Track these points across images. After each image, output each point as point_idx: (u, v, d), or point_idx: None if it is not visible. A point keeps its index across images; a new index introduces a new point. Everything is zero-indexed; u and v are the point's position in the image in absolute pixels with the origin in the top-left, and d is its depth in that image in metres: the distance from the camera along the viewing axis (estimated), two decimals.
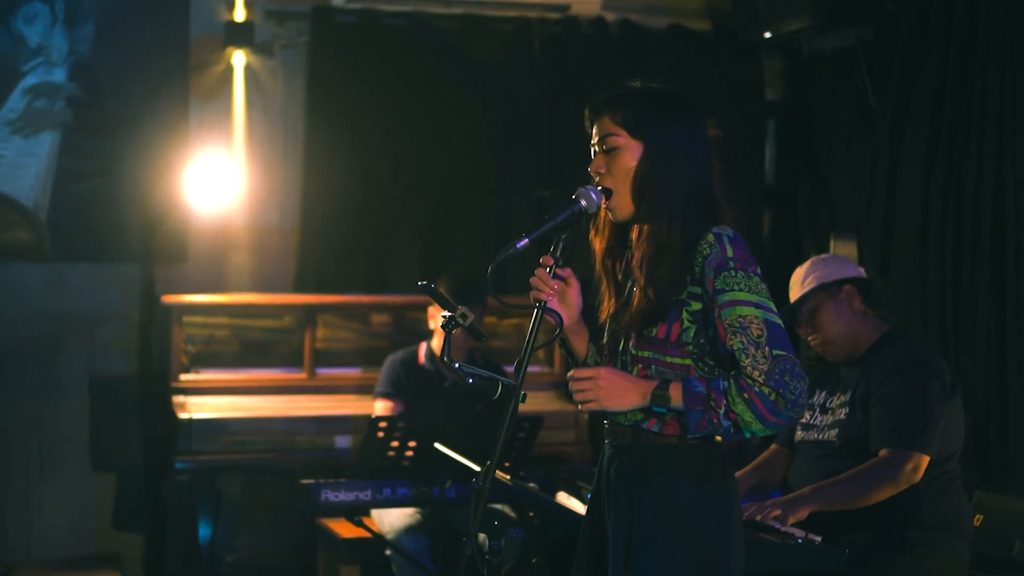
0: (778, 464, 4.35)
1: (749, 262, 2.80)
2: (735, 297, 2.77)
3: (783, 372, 2.74)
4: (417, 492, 4.74)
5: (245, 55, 6.26)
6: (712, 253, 2.79)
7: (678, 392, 2.79)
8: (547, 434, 5.53)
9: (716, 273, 2.78)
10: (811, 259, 4.32)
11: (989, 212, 5.18)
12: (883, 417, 3.97)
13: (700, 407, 2.76)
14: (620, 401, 2.83)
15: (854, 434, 4.04)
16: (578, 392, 2.85)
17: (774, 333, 2.76)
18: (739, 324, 2.75)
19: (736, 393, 2.75)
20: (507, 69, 6.52)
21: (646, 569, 2.81)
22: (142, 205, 6.08)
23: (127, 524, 6.10)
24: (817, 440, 4.15)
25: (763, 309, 2.77)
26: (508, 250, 2.82)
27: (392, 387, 5.48)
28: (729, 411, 2.75)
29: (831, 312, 4.17)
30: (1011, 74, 5.05)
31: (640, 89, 2.94)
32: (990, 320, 5.17)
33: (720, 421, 2.76)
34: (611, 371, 2.85)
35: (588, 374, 2.84)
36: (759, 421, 2.75)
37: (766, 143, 6.88)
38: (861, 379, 4.10)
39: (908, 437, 3.92)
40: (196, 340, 5.91)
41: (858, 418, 4.05)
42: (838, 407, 4.14)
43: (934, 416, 3.95)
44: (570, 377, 2.88)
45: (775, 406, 2.74)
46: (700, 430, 2.78)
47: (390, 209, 6.42)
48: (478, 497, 2.76)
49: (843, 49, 6.12)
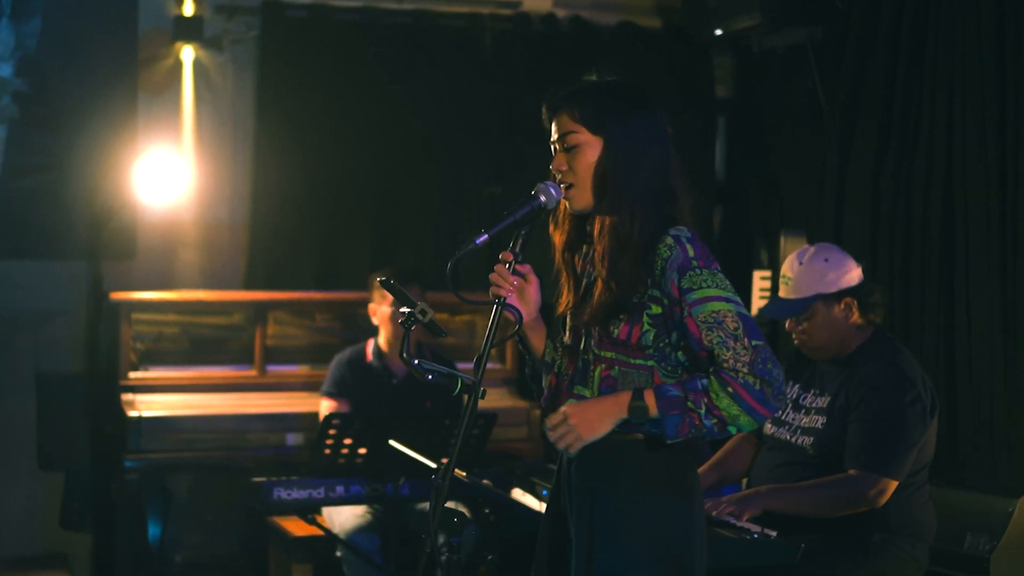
0: (744, 453, 4.30)
1: (710, 259, 2.82)
2: (705, 294, 2.77)
3: (764, 360, 2.75)
4: (370, 490, 4.72)
5: (194, 50, 6.21)
6: (672, 255, 2.79)
7: (652, 400, 2.78)
8: (499, 431, 5.52)
9: (680, 274, 2.79)
10: (812, 250, 4.17)
11: (938, 210, 5.23)
12: (859, 437, 3.93)
13: (677, 411, 2.75)
14: (601, 427, 2.81)
15: (830, 447, 4.00)
16: (559, 440, 2.82)
17: (748, 325, 2.78)
18: (714, 319, 2.76)
19: (719, 388, 2.74)
20: (458, 65, 6.51)
21: (609, 565, 2.81)
22: (90, 201, 6.01)
23: (75, 523, 6.03)
24: (789, 442, 4.10)
25: (733, 303, 2.79)
26: (467, 246, 2.82)
27: (336, 387, 5.47)
28: (712, 408, 2.75)
29: (824, 319, 4.10)
30: (960, 71, 5.10)
31: (597, 84, 2.94)
32: (939, 316, 5.22)
33: (702, 421, 2.75)
34: (573, 406, 2.83)
35: (557, 420, 2.82)
36: (747, 413, 2.75)
37: (716, 140, 6.91)
38: (842, 388, 4.04)
39: (881, 462, 3.89)
40: (145, 337, 5.85)
41: (835, 430, 4.00)
42: (814, 411, 4.09)
43: (910, 443, 3.93)
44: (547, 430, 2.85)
45: (763, 395, 2.74)
46: (682, 434, 2.77)
47: (340, 205, 6.39)
48: (438, 494, 2.74)
49: (793, 47, 6.16)
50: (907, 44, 5.40)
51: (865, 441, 3.91)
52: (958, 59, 5.11)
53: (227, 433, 5.70)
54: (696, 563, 2.85)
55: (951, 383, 5.14)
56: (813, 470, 4.00)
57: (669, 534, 2.82)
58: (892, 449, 3.90)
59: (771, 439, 4.17)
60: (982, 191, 4.98)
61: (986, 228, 4.96)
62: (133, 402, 5.63)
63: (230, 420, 5.71)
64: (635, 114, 2.89)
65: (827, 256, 4.15)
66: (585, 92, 2.91)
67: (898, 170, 5.45)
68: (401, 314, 2.83)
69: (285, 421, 5.77)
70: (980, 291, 4.99)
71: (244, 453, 5.66)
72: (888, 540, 3.96)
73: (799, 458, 4.06)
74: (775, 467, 4.10)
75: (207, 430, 5.68)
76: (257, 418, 5.75)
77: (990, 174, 4.93)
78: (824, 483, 3.92)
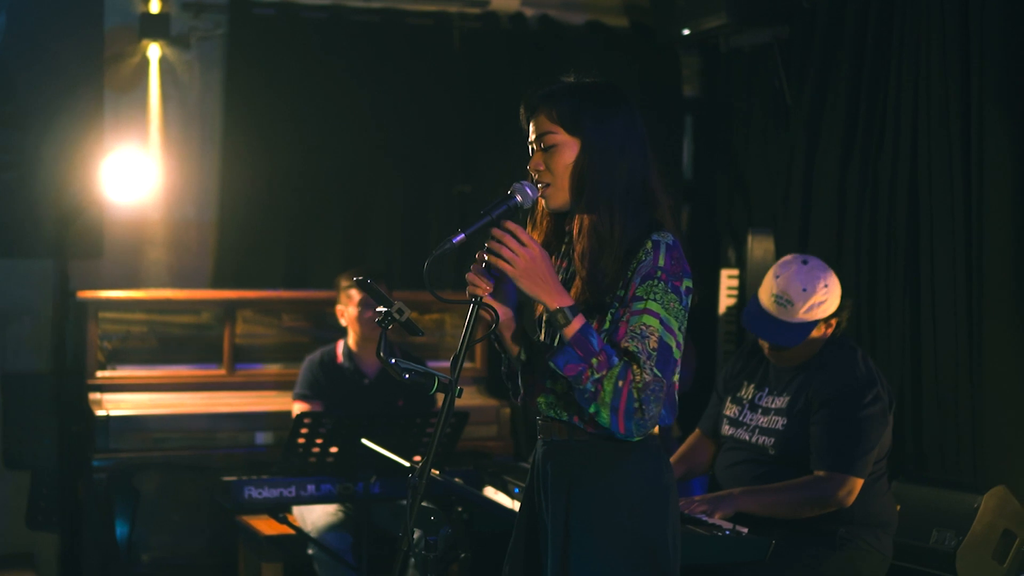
0: (703, 451, 4.38)
1: (676, 276, 2.83)
2: (648, 307, 2.79)
3: (652, 393, 2.76)
4: (341, 488, 4.72)
5: (161, 47, 6.19)
6: (647, 260, 2.82)
7: (576, 327, 2.78)
8: (470, 429, 5.52)
9: (642, 280, 2.81)
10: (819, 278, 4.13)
11: (904, 208, 5.28)
12: (824, 439, 4.02)
13: (582, 354, 2.76)
14: (533, 285, 2.80)
15: (791, 448, 4.08)
16: (502, 248, 2.79)
17: (664, 354, 2.79)
18: (640, 332, 2.78)
19: (619, 375, 2.76)
20: (426, 64, 6.50)
21: (584, 563, 2.83)
22: (56, 199, 5.96)
23: (41, 523, 5.99)
24: (749, 442, 4.18)
25: (665, 328, 2.79)
26: (444, 245, 2.82)
27: (309, 389, 5.46)
28: (600, 381, 2.76)
29: (811, 340, 4.17)
30: (925, 71, 5.14)
31: (575, 85, 2.96)
32: (905, 314, 5.27)
33: (585, 383, 2.77)
34: (545, 255, 2.81)
35: (524, 239, 2.80)
36: (610, 412, 2.77)
37: (684, 139, 6.94)
38: (802, 390, 4.12)
39: (847, 463, 3.99)
40: (112, 336, 5.83)
41: (796, 432, 4.08)
42: (773, 412, 4.16)
43: (872, 441, 4.03)
44: (504, 228, 2.80)
45: (630, 414, 2.76)
46: (566, 372, 2.77)
47: (308, 204, 6.38)
48: (415, 492, 2.75)
49: (760, 46, 6.19)
50: (872, 44, 5.45)
51: (830, 443, 4.00)
52: (923, 58, 5.15)
53: (195, 432, 5.69)
54: (671, 561, 2.87)
55: (917, 380, 5.19)
56: (774, 468, 4.08)
57: (644, 532, 2.84)
58: (857, 450, 4.00)
59: (730, 439, 4.25)
60: (947, 189, 5.03)
61: (951, 226, 5.01)
62: (100, 401, 5.61)
63: (198, 419, 5.70)
64: (613, 115, 2.91)
65: (827, 282, 4.18)
66: (563, 92, 2.92)
67: (864, 168, 5.49)
68: (378, 313, 2.82)
69: (254, 420, 5.75)
70: (945, 289, 5.04)
71: (212, 452, 5.65)
72: (853, 533, 4.04)
73: (760, 457, 4.13)
74: (736, 465, 4.17)
75: (175, 429, 5.66)
76: (226, 417, 5.73)
77: (954, 172, 4.98)
78: (794, 485, 3.98)
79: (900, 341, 5.29)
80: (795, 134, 5.88)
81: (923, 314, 5.16)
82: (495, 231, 2.81)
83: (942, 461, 5.06)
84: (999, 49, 4.78)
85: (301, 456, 4.71)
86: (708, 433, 4.40)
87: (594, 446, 2.88)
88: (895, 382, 5.30)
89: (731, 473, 4.16)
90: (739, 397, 4.29)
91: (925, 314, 5.15)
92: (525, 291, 2.81)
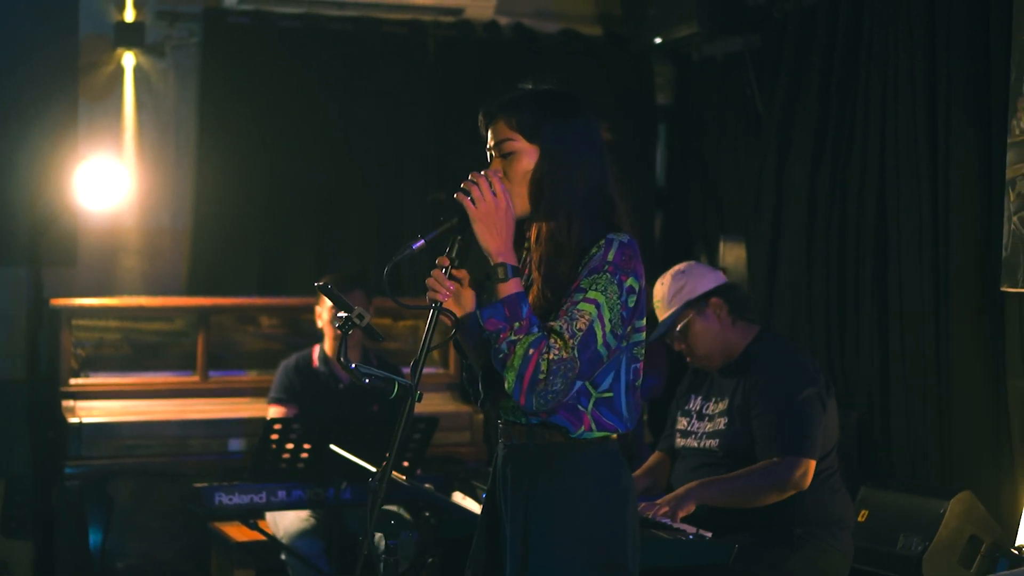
0: (662, 470, 4.45)
1: (625, 271, 2.83)
2: (588, 296, 2.80)
3: (562, 370, 2.76)
4: (312, 494, 4.73)
5: (135, 56, 6.20)
6: (597, 255, 2.83)
7: (511, 289, 2.81)
8: (443, 435, 5.56)
9: (588, 273, 2.83)
10: (670, 272, 4.35)
11: (872, 215, 5.32)
12: (767, 427, 4.08)
13: (506, 315, 2.79)
14: (485, 231, 2.84)
15: (735, 444, 4.14)
16: (473, 188, 2.83)
17: (587, 339, 2.78)
18: (572, 315, 2.79)
19: (532, 343, 2.77)
20: (401, 71, 6.53)
21: (543, 566, 2.84)
22: (30, 207, 5.98)
23: (15, 530, 5.98)
24: (698, 448, 4.26)
25: (599, 318, 2.80)
26: (404, 251, 2.84)
27: (284, 393, 5.47)
28: (512, 344, 2.77)
29: (700, 327, 4.26)
30: (893, 80, 5.19)
31: (533, 92, 2.98)
32: (873, 320, 5.31)
33: (503, 342, 2.78)
34: (511, 211, 2.85)
35: (498, 191, 2.84)
36: (516, 379, 2.78)
37: (657, 147, 6.97)
38: (738, 387, 4.20)
39: (796, 444, 4.04)
40: (86, 344, 5.84)
41: (737, 427, 4.15)
42: (717, 415, 4.23)
43: (815, 422, 4.08)
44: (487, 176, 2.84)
45: (534, 384, 2.77)
46: (487, 327, 2.80)
47: (283, 211, 6.40)
48: (374, 496, 2.77)
49: (732, 55, 6.24)
50: (841, 53, 5.49)
51: (775, 429, 4.06)
52: (891, 67, 5.20)
53: (169, 439, 5.69)
54: (629, 564, 2.88)
55: (885, 386, 5.23)
56: (722, 467, 4.13)
57: (602, 535, 2.85)
58: (803, 431, 4.05)
59: (682, 450, 4.32)
60: (914, 195, 5.07)
61: (918, 232, 5.05)
62: (74, 408, 5.61)
63: (172, 426, 5.70)
64: (570, 122, 2.93)
65: (683, 270, 4.33)
66: (521, 100, 2.94)
67: (833, 175, 5.54)
68: (339, 318, 2.84)
69: (228, 427, 5.76)
70: (912, 294, 5.08)
71: (186, 459, 5.65)
72: (809, 532, 4.09)
73: (709, 460, 4.20)
74: (689, 471, 4.23)
75: (149, 436, 5.67)
76: (199, 424, 5.74)
77: (921, 178, 5.02)
78: (750, 472, 4.04)
79: (868, 346, 5.33)
80: (766, 142, 5.93)
81: (891, 320, 5.20)
82: (472, 174, 2.85)
83: (910, 467, 5.09)
84: (965, 56, 4.83)
85: (272, 462, 4.72)
86: (667, 452, 4.46)
87: (553, 450, 2.90)
88: (863, 388, 5.34)
89: (686, 479, 4.19)
90: (687, 410, 4.37)
91: (893, 320, 5.19)
92: (478, 236, 2.84)
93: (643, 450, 5.50)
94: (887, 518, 4.66)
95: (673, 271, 4.34)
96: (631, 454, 5.58)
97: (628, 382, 2.92)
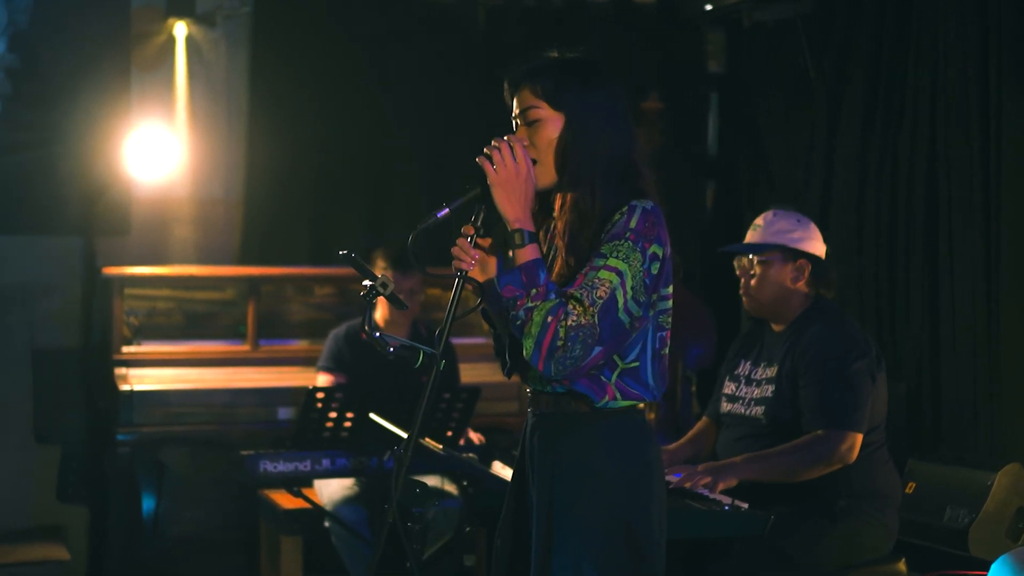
0: (707, 437, 4.40)
1: (645, 238, 2.80)
2: (608, 263, 2.78)
3: (581, 337, 2.74)
4: (356, 463, 4.75)
5: (187, 25, 6.23)
6: (620, 221, 2.81)
7: (529, 256, 2.79)
8: (489, 404, 5.56)
9: (610, 239, 2.80)
10: (792, 213, 4.28)
11: (922, 183, 5.25)
12: (815, 399, 4.02)
13: (526, 281, 2.78)
14: (504, 197, 2.83)
15: (781, 414, 4.08)
16: (495, 152, 2.84)
17: (608, 306, 2.75)
18: (592, 283, 2.77)
19: (549, 309, 2.75)
20: (450, 40, 6.51)
21: (567, 535, 2.83)
22: (83, 177, 6.04)
23: (70, 496, 6.08)
24: (743, 415, 4.19)
25: (621, 286, 2.77)
26: (429, 220, 2.84)
27: (333, 361, 5.49)
28: (530, 311, 2.76)
29: (776, 274, 4.19)
30: (944, 47, 5.10)
31: (558, 60, 2.96)
32: (923, 290, 5.24)
33: (520, 308, 2.77)
34: (531, 183, 2.84)
35: (520, 158, 2.84)
36: (534, 345, 2.76)
37: (708, 115, 6.91)
38: (788, 354, 4.13)
39: (841, 417, 3.98)
40: (138, 312, 5.90)
41: (787, 397, 4.08)
42: (764, 381, 4.17)
43: (864, 395, 4.02)
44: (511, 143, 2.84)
45: (553, 351, 2.74)
46: (505, 294, 2.79)
47: (333, 180, 6.42)
48: (399, 464, 2.77)
49: (783, 21, 6.15)
50: (893, 19, 5.41)
51: (823, 402, 4.00)
52: (942, 32, 5.11)
53: (219, 407, 5.75)
54: (653, 538, 2.86)
55: (935, 358, 5.17)
56: (767, 440, 4.07)
57: (625, 509, 2.83)
58: (850, 404, 3.99)
59: (728, 416, 4.26)
60: (965, 165, 4.99)
61: (969, 202, 4.98)
62: (126, 376, 5.68)
63: (222, 394, 5.76)
64: (595, 89, 2.90)
65: (800, 219, 4.26)
66: (547, 67, 2.93)
67: (884, 145, 5.46)
68: (363, 287, 2.85)
69: (277, 395, 5.81)
70: (963, 265, 5.01)
71: (236, 427, 5.71)
72: (853, 505, 4.02)
73: (753, 430, 4.14)
74: (733, 442, 4.17)
75: (199, 404, 5.73)
76: (249, 392, 5.79)
77: (973, 147, 4.95)
78: (795, 446, 3.98)
79: (918, 317, 5.26)
80: (816, 109, 5.85)
81: (941, 291, 5.13)
82: (495, 139, 2.83)
83: (958, 439, 5.03)
84: (1018, 22, 4.74)
85: (315, 431, 4.75)
86: (713, 418, 4.41)
87: (577, 419, 2.88)
88: (913, 359, 5.27)
89: (731, 450, 4.15)
90: (736, 375, 4.30)
91: (943, 291, 5.12)
92: (496, 202, 2.83)
93: (691, 421, 5.48)
94: (934, 490, 4.61)
95: (796, 214, 4.27)
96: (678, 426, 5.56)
97: (654, 351, 2.90)
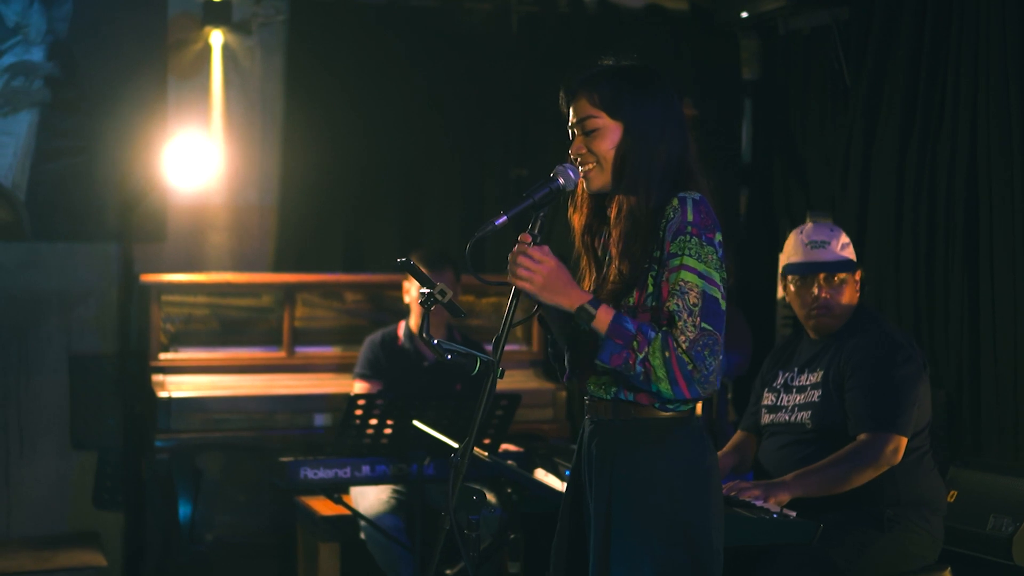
0: (746, 449, 4.40)
1: (708, 228, 2.84)
2: (683, 262, 2.81)
3: (704, 346, 2.78)
4: (395, 470, 4.76)
5: (223, 34, 6.25)
6: (675, 217, 2.83)
7: (606, 319, 2.80)
8: (525, 412, 5.57)
9: (673, 237, 2.83)
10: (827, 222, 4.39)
11: (962, 190, 5.23)
12: (861, 402, 4.03)
13: (622, 342, 2.79)
14: (553, 296, 2.83)
15: (828, 419, 4.09)
16: (520, 268, 2.83)
17: (708, 306, 2.80)
18: (680, 288, 2.80)
19: (660, 347, 2.78)
20: (484, 48, 6.52)
21: (625, 543, 2.84)
22: (120, 184, 6.08)
23: (107, 502, 6.11)
24: (787, 422, 4.19)
25: (705, 280, 2.81)
26: (486, 227, 2.84)
27: (369, 368, 5.51)
28: (646, 360, 2.78)
29: (851, 290, 4.24)
30: (984, 53, 5.09)
31: (614, 68, 2.96)
32: (963, 297, 5.22)
33: (635, 365, 2.79)
34: (560, 266, 2.85)
35: (538, 256, 2.83)
36: (669, 383, 2.78)
37: (743, 122, 6.90)
38: (833, 361, 4.14)
39: (887, 420, 3.99)
40: (175, 319, 5.92)
41: (834, 402, 4.09)
42: (809, 387, 4.18)
43: (909, 399, 4.03)
44: (519, 246, 2.84)
45: (690, 375, 2.78)
46: (613, 364, 2.80)
47: (368, 188, 6.43)
48: (456, 472, 2.78)
49: (819, 28, 6.15)
50: (932, 24, 5.39)
51: (869, 405, 4.02)
52: (983, 39, 5.10)
53: (255, 414, 5.77)
54: (712, 544, 2.87)
55: (975, 364, 5.15)
56: (812, 447, 4.08)
57: (684, 514, 2.84)
58: (896, 408, 4.00)
59: (770, 426, 4.26)
60: (1006, 171, 4.97)
61: (1010, 208, 4.96)
62: (163, 383, 5.71)
63: (259, 401, 5.78)
64: (652, 97, 2.92)
65: (835, 227, 4.33)
66: (603, 76, 2.93)
67: (922, 151, 5.44)
68: (421, 294, 2.85)
69: (313, 402, 5.83)
70: (1004, 271, 4.99)
71: (272, 433, 5.73)
72: (900, 514, 4.02)
73: (799, 437, 4.14)
74: (778, 450, 4.18)
75: (236, 410, 5.75)
76: (285, 399, 5.81)
77: (1014, 154, 4.93)
78: (841, 457, 3.98)
79: (958, 324, 5.24)
80: (853, 116, 5.84)
81: (982, 297, 5.11)
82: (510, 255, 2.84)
83: (1000, 446, 5.01)
84: None
85: (355, 437, 4.75)
86: (750, 429, 4.41)
87: (638, 425, 2.89)
88: (952, 366, 5.26)
89: (776, 457, 4.15)
90: (774, 386, 4.31)
91: (984, 297, 5.10)
92: (549, 303, 2.86)
93: (727, 429, 5.47)
94: (976, 498, 4.58)
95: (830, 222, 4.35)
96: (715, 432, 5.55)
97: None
